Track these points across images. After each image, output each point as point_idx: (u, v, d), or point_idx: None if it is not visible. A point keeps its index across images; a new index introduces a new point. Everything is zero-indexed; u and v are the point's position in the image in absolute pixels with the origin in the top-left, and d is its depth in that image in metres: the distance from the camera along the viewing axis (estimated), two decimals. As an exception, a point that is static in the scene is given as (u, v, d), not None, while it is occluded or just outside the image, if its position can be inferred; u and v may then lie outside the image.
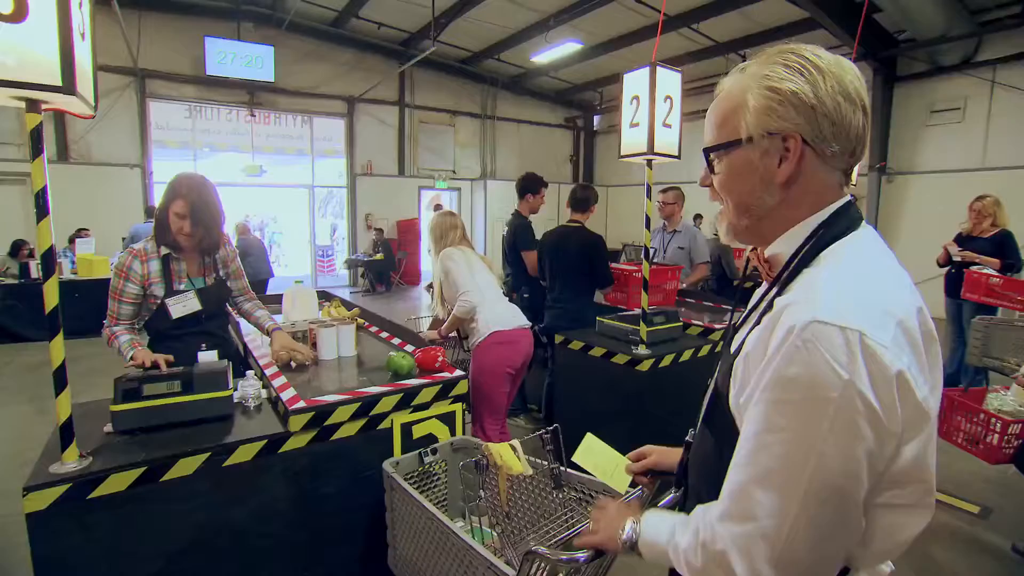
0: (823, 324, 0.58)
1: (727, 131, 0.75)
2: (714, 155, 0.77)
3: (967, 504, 2.74)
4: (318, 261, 10.97)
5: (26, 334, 5.95)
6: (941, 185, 7.85)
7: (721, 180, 0.78)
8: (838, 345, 0.57)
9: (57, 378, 1.30)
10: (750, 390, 0.65)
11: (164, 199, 1.86)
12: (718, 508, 0.67)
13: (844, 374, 0.56)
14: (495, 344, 2.53)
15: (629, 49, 9.25)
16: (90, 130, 8.10)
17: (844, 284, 0.63)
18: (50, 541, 1.26)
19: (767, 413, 0.61)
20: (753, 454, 0.62)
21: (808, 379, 0.57)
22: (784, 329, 0.60)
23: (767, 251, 0.77)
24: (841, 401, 0.56)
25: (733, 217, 0.79)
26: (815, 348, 0.57)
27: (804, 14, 7.15)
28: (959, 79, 7.62)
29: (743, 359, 0.68)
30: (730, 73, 0.78)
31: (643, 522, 0.83)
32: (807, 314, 0.59)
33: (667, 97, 2.29)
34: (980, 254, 3.95)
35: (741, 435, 0.65)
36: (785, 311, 0.63)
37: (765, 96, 0.70)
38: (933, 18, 6.75)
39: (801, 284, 0.68)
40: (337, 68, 10.13)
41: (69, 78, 1.16)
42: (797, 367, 0.58)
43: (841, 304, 0.59)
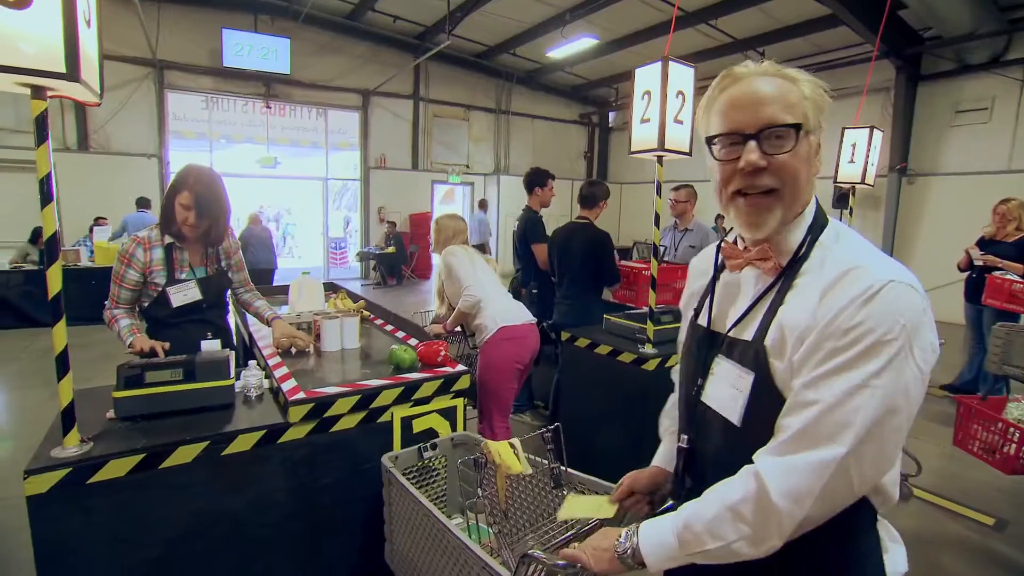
0: (897, 283, 0.68)
1: (796, 115, 0.76)
2: (784, 133, 0.76)
3: (981, 515, 2.67)
4: (330, 253, 11.04)
5: (44, 319, 6.03)
6: (964, 187, 7.64)
7: (787, 161, 0.76)
8: (905, 298, 0.68)
9: (59, 363, 1.31)
10: (809, 345, 0.71)
11: (171, 189, 1.88)
12: (784, 447, 0.71)
13: (902, 320, 0.67)
14: (503, 340, 2.53)
15: (645, 45, 9.13)
16: (109, 120, 8.22)
17: (880, 255, 0.75)
18: (50, 524, 1.28)
19: (839, 355, 0.68)
20: (824, 389, 0.69)
21: (879, 323, 0.67)
22: (860, 287, 0.69)
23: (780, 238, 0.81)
24: (899, 341, 0.67)
25: (788, 207, 0.79)
26: (886, 301, 0.68)
27: (825, 11, 6.98)
28: (987, 78, 7.40)
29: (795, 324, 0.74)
30: (761, 63, 0.81)
31: (640, 527, 0.81)
32: (882, 275, 0.69)
33: (679, 92, 2.25)
34: (1003, 259, 3.84)
35: (803, 383, 0.71)
36: (851, 274, 0.71)
37: (819, 93, 0.79)
38: (961, 15, 6.55)
39: (837, 256, 0.75)
40: (352, 61, 10.16)
41: (73, 65, 1.16)
42: (872, 315, 0.67)
43: (896, 268, 0.71)
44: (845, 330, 0.68)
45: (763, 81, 0.78)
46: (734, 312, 0.87)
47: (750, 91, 0.78)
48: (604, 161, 13.83)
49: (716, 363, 0.86)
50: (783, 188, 0.77)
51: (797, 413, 0.71)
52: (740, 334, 0.83)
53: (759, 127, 0.76)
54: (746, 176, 0.78)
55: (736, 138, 0.78)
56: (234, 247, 2.11)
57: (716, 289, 0.93)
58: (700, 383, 0.88)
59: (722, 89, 0.82)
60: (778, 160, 0.76)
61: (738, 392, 0.80)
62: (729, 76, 0.81)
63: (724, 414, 0.83)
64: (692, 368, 0.92)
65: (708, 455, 0.87)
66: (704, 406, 0.87)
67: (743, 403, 0.79)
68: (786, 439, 0.71)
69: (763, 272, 0.83)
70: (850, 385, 0.67)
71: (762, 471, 0.71)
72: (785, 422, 0.72)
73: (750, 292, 0.85)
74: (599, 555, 0.83)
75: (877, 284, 0.68)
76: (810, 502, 0.69)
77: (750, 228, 0.81)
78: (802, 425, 0.70)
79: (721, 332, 0.88)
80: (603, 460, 2.58)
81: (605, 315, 2.87)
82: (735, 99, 0.79)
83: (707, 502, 0.76)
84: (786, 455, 0.71)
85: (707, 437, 0.87)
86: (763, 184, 0.78)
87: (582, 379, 2.85)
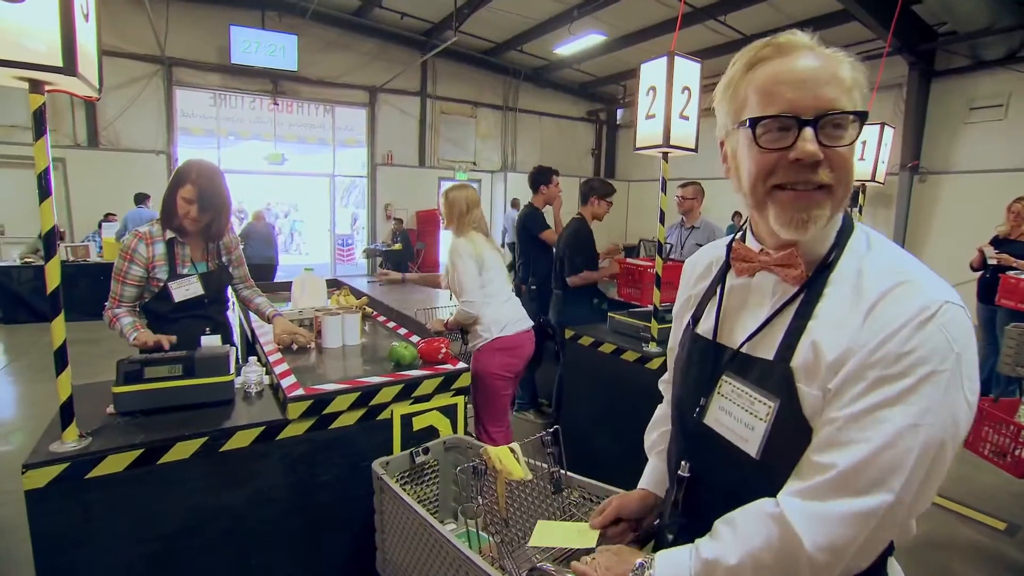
0: (951, 305, 0.61)
1: (854, 100, 0.67)
2: (844, 122, 0.65)
3: (992, 519, 2.62)
4: (337, 250, 11.08)
5: (54, 314, 6.13)
6: (978, 185, 7.51)
7: (845, 155, 0.66)
8: (960, 324, 0.61)
9: (58, 358, 1.32)
10: (851, 371, 0.63)
11: (173, 183, 1.88)
12: (820, 492, 0.62)
13: (956, 348, 0.60)
14: (498, 350, 2.46)
15: (653, 42, 9.05)
16: (119, 117, 8.29)
17: (922, 265, 0.66)
18: (48, 518, 1.28)
19: (888, 387, 0.60)
20: (871, 428, 0.60)
21: (933, 352, 0.59)
22: (913, 307, 0.61)
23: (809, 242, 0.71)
24: (952, 372, 0.59)
25: (837, 206, 0.69)
26: (943, 326, 0.60)
27: (837, 6, 6.87)
28: (1003, 74, 7.26)
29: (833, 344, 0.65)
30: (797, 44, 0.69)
31: (656, 561, 0.75)
32: (936, 295, 0.61)
33: (685, 88, 2.21)
34: (1018, 258, 3.76)
35: (842, 413, 0.62)
36: (900, 289, 0.62)
37: (864, 77, 0.69)
38: (977, 10, 6.43)
39: (877, 266, 0.67)
40: (359, 58, 10.17)
41: (70, 59, 1.16)
42: (927, 342, 0.60)
43: (945, 286, 0.63)
44: (896, 356, 0.60)
45: (816, 56, 0.67)
46: (745, 324, 0.76)
47: (805, 65, 0.66)
48: (612, 158, 13.75)
49: (724, 382, 0.76)
50: (837, 185, 0.66)
51: (839, 452, 0.61)
52: (756, 351, 0.73)
53: (819, 111, 0.64)
54: (798, 169, 0.66)
55: (789, 122, 0.65)
56: (234, 243, 2.11)
57: (721, 295, 0.81)
58: (703, 403, 0.78)
59: (762, 60, 0.68)
60: (836, 153, 0.65)
61: (757, 420, 0.70)
62: (773, 45, 0.68)
63: (737, 443, 0.72)
64: (691, 385, 0.81)
65: (716, 488, 0.77)
66: (708, 429, 0.77)
67: (764, 433, 0.69)
68: (824, 482, 0.62)
69: (783, 280, 0.72)
70: (903, 424, 0.59)
71: (792, 518, 0.62)
72: (823, 460, 0.63)
73: (766, 302, 0.74)
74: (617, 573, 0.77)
75: (933, 305, 0.60)
76: (851, 553, 0.61)
77: (797, 227, 0.67)
78: (846, 466, 0.60)
79: (730, 346, 0.77)
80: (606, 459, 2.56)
81: (609, 313, 2.84)
82: (786, 74, 0.66)
83: (727, 544, 0.68)
84: (824, 501, 0.61)
85: (714, 466, 0.77)
86: (818, 180, 0.66)
87: (585, 378, 2.82)
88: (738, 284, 0.79)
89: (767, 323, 0.73)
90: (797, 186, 0.67)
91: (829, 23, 7.63)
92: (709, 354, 0.79)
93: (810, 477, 0.63)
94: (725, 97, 0.73)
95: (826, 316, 0.66)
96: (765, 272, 0.74)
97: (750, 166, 0.70)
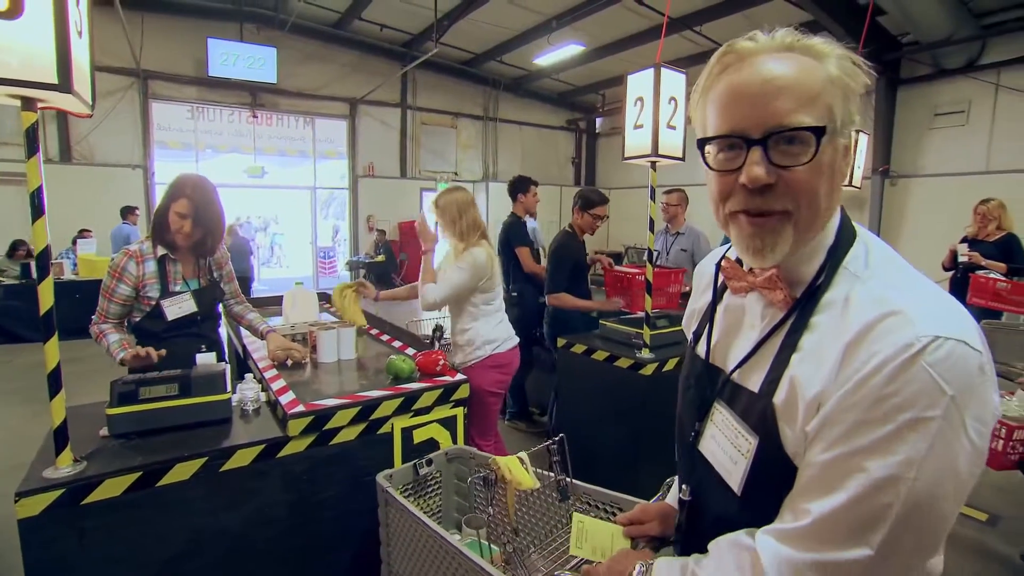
0: (945, 340, 0.52)
1: (817, 111, 0.58)
2: (803, 138, 0.58)
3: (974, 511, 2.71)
4: (319, 263, 10.96)
5: (25, 335, 5.93)
6: (945, 188, 7.81)
7: (802, 177, 0.59)
8: (956, 361, 0.52)
9: (52, 381, 1.28)
10: (828, 413, 0.57)
11: (166, 198, 1.85)
12: (796, 539, 0.58)
13: (948, 390, 0.52)
14: (490, 368, 2.39)
15: (632, 51, 9.23)
16: (92, 130, 8.10)
17: (923, 288, 0.59)
18: (43, 547, 1.24)
19: (865, 434, 0.54)
20: (847, 477, 0.55)
21: (916, 396, 0.52)
22: (896, 345, 0.53)
23: (792, 264, 0.65)
24: (944, 418, 0.52)
25: (803, 230, 0.61)
26: (929, 366, 0.52)
27: (808, 16, 7.13)
28: (963, 82, 7.59)
29: (809, 384, 0.59)
30: (780, 31, 0.62)
31: (655, 567, 0.75)
32: (927, 328, 0.53)
33: (672, 99, 2.27)
34: (986, 258, 3.91)
35: (819, 459, 0.57)
36: (886, 323, 0.55)
37: (850, 72, 0.60)
38: (937, 21, 6.72)
39: (866, 293, 0.59)
40: (339, 70, 10.13)
41: (65, 76, 1.14)
42: (908, 384, 0.52)
43: (947, 316, 0.55)
44: (875, 400, 0.53)
45: (775, 61, 0.60)
46: (737, 346, 0.73)
47: (757, 77, 0.59)
48: (592, 167, 13.91)
49: (716, 410, 0.73)
50: (796, 210, 0.60)
51: (815, 498, 0.57)
52: (745, 380, 0.69)
53: (766, 129, 0.58)
54: (749, 194, 0.60)
55: (736, 141, 0.60)
56: (225, 258, 2.09)
57: (716, 314, 0.78)
58: (698, 428, 0.76)
59: (721, 69, 0.63)
60: (791, 175, 0.59)
61: (739, 455, 0.67)
62: (731, 52, 0.62)
63: (723, 476, 0.70)
64: (688, 406, 0.80)
65: (708, 514, 0.75)
66: (702, 456, 0.75)
67: (744, 470, 0.66)
68: (800, 528, 0.58)
69: (770, 303, 0.68)
70: (880, 476, 0.53)
71: (764, 558, 0.60)
72: (800, 505, 0.59)
73: (757, 324, 0.70)
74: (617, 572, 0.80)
75: (919, 343, 0.52)
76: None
77: (754, 255, 0.64)
78: (819, 515, 0.56)
79: (722, 369, 0.74)
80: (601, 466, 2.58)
81: (601, 320, 2.87)
82: (736, 88, 0.60)
83: (711, 568, 0.68)
84: (796, 547, 0.58)
85: (708, 494, 0.75)
86: (770, 207, 0.60)
87: (579, 385, 2.84)
88: (734, 303, 0.75)
89: (755, 350, 0.68)
90: (751, 212, 0.61)
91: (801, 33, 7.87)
92: (704, 376, 0.77)
93: (787, 520, 0.60)
94: (694, 110, 0.68)
95: (808, 350, 0.61)
96: (756, 293, 0.70)
97: (710, 188, 0.66)
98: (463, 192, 2.41)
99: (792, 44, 0.61)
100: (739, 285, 0.72)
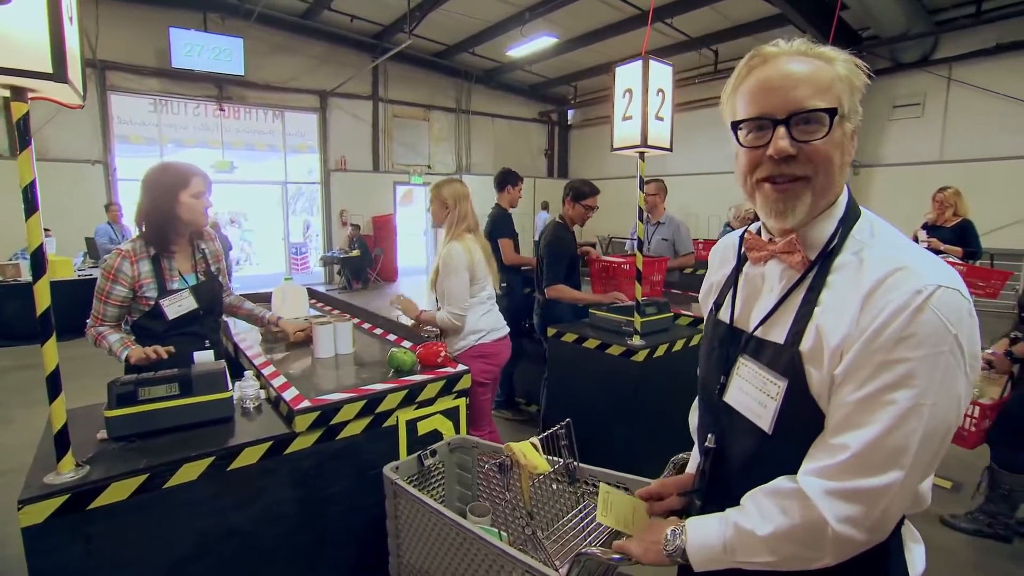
0: (946, 289, 0.65)
1: (829, 98, 0.72)
2: (816, 118, 0.72)
3: (940, 480, 2.89)
4: (292, 259, 10.71)
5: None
6: (904, 177, 8.17)
7: (819, 148, 0.72)
8: (955, 306, 0.64)
9: (51, 383, 1.24)
10: (855, 358, 0.67)
11: (169, 190, 1.77)
12: (838, 472, 0.67)
13: (952, 329, 0.64)
14: (476, 357, 2.39)
15: (604, 43, 9.30)
16: (46, 123, 7.66)
17: (921, 251, 0.71)
18: (49, 555, 1.20)
19: (890, 371, 0.65)
20: (879, 411, 0.65)
21: (930, 335, 0.64)
22: (907, 293, 0.65)
23: (808, 230, 0.77)
24: (951, 352, 0.64)
25: (819, 195, 0.75)
26: (936, 309, 0.64)
27: (775, 10, 7.31)
28: (918, 75, 7.94)
29: (834, 331, 0.69)
30: (793, 42, 0.77)
31: (687, 527, 0.80)
32: (930, 279, 0.65)
33: (659, 90, 2.31)
34: (944, 243, 4.12)
35: (850, 398, 0.68)
36: (895, 277, 0.66)
37: (855, 73, 0.75)
38: (894, 16, 7.00)
39: (877, 254, 0.71)
40: (309, 61, 9.88)
41: (60, 65, 1.09)
42: (922, 326, 0.64)
43: (942, 270, 0.67)
44: (896, 341, 0.64)
45: (794, 61, 0.74)
46: (759, 309, 0.83)
47: (780, 72, 0.74)
48: (564, 158, 13.99)
49: (741, 363, 0.83)
50: (815, 176, 0.73)
51: (851, 434, 0.67)
52: (768, 335, 0.79)
53: (789, 111, 0.72)
54: (775, 164, 0.74)
55: (764, 123, 0.74)
56: (220, 250, 2.03)
57: (739, 282, 0.88)
58: (723, 381, 0.85)
59: (749, 70, 0.77)
60: (810, 147, 0.72)
61: (768, 398, 0.76)
62: (758, 56, 0.77)
63: (752, 419, 0.79)
64: (714, 365, 0.88)
65: (735, 458, 0.83)
66: (728, 406, 0.84)
67: (775, 411, 0.75)
68: (840, 463, 0.67)
69: (789, 266, 0.78)
70: (907, 405, 0.64)
71: (814, 497, 0.68)
72: (837, 441, 0.68)
73: (775, 288, 0.81)
74: (648, 547, 0.83)
75: (926, 290, 0.64)
76: (868, 525, 0.67)
77: (777, 216, 0.76)
78: (859, 448, 0.66)
79: (745, 330, 0.84)
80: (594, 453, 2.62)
81: (590, 310, 2.91)
82: (763, 81, 0.75)
83: (754, 519, 0.74)
84: (841, 480, 0.67)
85: (734, 439, 0.83)
86: (792, 172, 0.73)
87: (570, 374, 2.88)
88: (754, 272, 0.86)
89: (776, 308, 0.79)
90: (777, 179, 0.75)
91: (768, 27, 8.09)
92: (728, 338, 0.87)
93: (827, 458, 0.69)
94: (725, 104, 0.82)
95: (829, 303, 0.72)
96: (775, 261, 0.81)
97: (741, 161, 0.79)
98: (461, 185, 2.44)
99: (807, 51, 0.76)
100: (759, 255, 0.83)
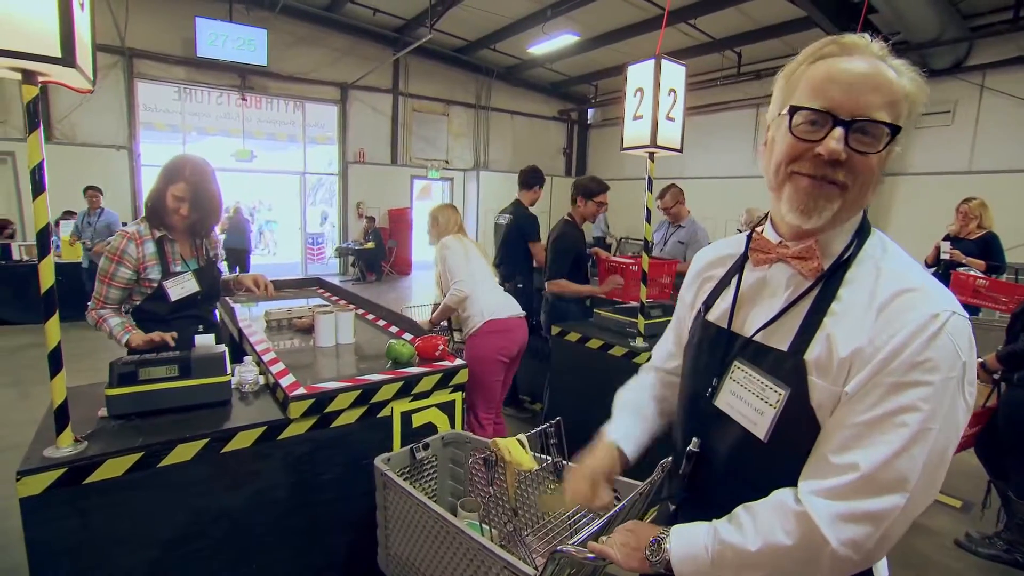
0: (957, 316, 0.65)
1: (895, 114, 0.68)
2: (879, 132, 0.67)
3: (949, 499, 2.81)
4: (308, 249, 10.85)
5: (8, 317, 5.81)
6: (929, 187, 7.96)
7: (869, 163, 0.68)
8: (965, 333, 0.65)
9: (52, 360, 1.27)
10: (868, 376, 0.66)
11: (163, 180, 1.82)
12: (843, 492, 0.66)
13: (963, 356, 0.64)
14: (490, 333, 2.54)
15: (626, 43, 9.21)
16: (75, 109, 7.88)
17: (927, 274, 0.70)
18: (44, 526, 1.24)
19: (903, 394, 0.64)
20: (890, 432, 0.64)
21: (943, 360, 0.64)
22: (924, 316, 0.65)
23: (827, 239, 0.75)
24: (958, 379, 0.64)
25: (849, 207, 0.71)
26: (951, 336, 0.64)
27: (801, 12, 7.16)
28: (949, 82, 7.71)
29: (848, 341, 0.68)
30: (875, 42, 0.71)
31: (671, 536, 0.77)
32: (944, 305, 0.66)
33: (671, 90, 2.28)
34: (967, 255, 4.01)
35: (861, 418, 0.66)
36: (911, 296, 0.67)
37: (920, 92, 0.70)
38: (927, 21, 6.81)
39: (890, 270, 0.70)
40: (331, 54, 9.97)
41: (69, 50, 1.12)
42: (938, 351, 0.64)
43: (948, 295, 0.68)
44: (912, 364, 0.64)
45: (873, 63, 0.69)
46: (759, 314, 0.80)
47: (857, 69, 0.68)
48: (583, 158, 13.91)
49: (736, 368, 0.80)
50: (852, 187, 0.70)
51: (860, 453, 0.65)
52: (770, 341, 0.76)
53: (854, 115, 0.67)
54: (818, 164, 0.69)
55: (825, 118, 0.68)
56: (217, 239, 2.07)
57: (739, 285, 0.85)
58: (715, 385, 0.82)
59: (822, 56, 0.71)
60: (860, 158, 0.68)
61: (767, 405, 0.74)
62: (837, 44, 0.71)
63: (746, 426, 0.76)
64: (702, 369, 0.85)
65: (721, 463, 0.81)
66: (718, 411, 0.81)
67: (772, 419, 0.73)
68: (848, 482, 0.65)
69: (798, 273, 0.75)
70: (918, 428, 0.63)
71: (817, 517, 0.66)
72: (844, 461, 0.66)
73: (780, 294, 0.78)
74: (629, 553, 0.81)
75: (943, 315, 0.64)
76: (868, 548, 0.65)
77: (802, 213, 0.72)
78: (868, 468, 0.64)
79: (742, 334, 0.81)
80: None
81: (595, 310, 2.90)
82: (837, 73, 0.68)
83: (747, 532, 0.71)
84: (847, 500, 0.65)
85: (721, 444, 0.81)
86: (835, 177, 0.69)
87: (572, 373, 2.87)
88: (753, 276, 0.83)
89: (781, 314, 0.76)
90: (815, 176, 0.70)
91: (793, 29, 7.93)
92: (721, 340, 0.83)
93: (833, 477, 0.66)
94: (782, 84, 0.76)
95: (843, 314, 0.70)
96: (782, 265, 0.77)
97: (781, 148, 0.73)
98: (456, 213, 2.87)
99: (884, 55, 0.70)
100: (766, 257, 0.79)
